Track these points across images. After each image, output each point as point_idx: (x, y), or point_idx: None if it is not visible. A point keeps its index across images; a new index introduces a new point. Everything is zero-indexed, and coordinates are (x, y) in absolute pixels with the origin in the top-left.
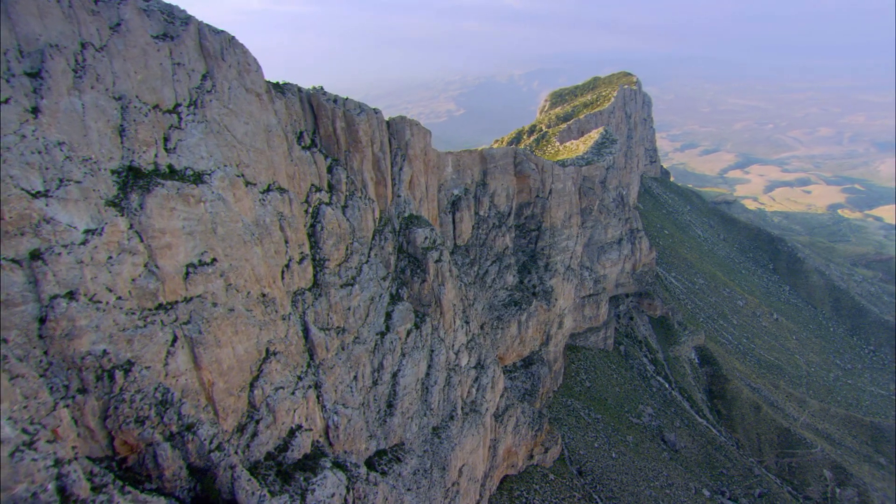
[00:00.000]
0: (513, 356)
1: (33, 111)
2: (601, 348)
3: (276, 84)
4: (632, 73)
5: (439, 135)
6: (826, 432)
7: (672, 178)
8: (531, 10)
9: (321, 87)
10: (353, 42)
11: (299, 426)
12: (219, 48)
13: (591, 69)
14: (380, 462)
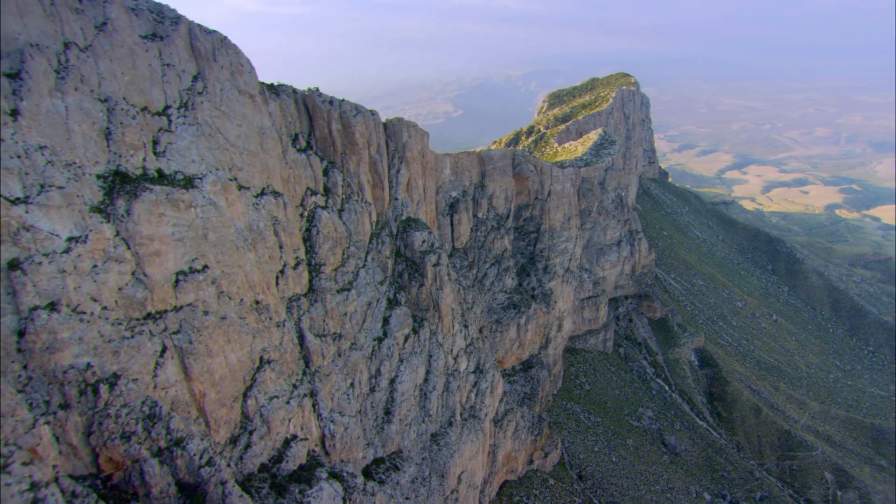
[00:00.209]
0: (512, 360)
1: (12, 113)
2: (601, 351)
3: (271, 85)
4: (630, 74)
5: (437, 136)
6: (826, 434)
7: (670, 179)
8: (528, 11)
9: (316, 89)
10: (351, 43)
11: (294, 436)
12: (210, 48)
13: (589, 70)
14: (377, 471)
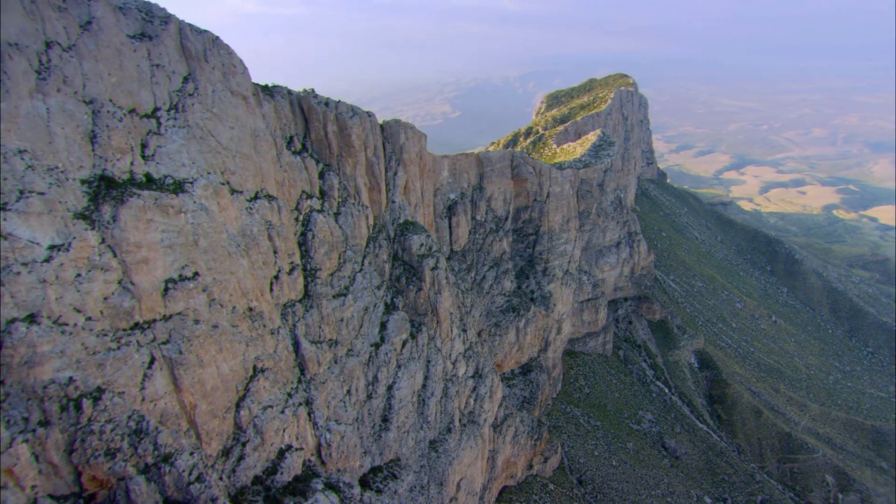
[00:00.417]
0: (511, 363)
1: None
2: (600, 353)
3: (265, 86)
4: (628, 75)
5: (434, 137)
6: (827, 436)
7: (669, 180)
8: (526, 12)
9: (312, 90)
10: (348, 44)
11: (289, 446)
12: (201, 49)
13: (587, 71)
14: (374, 479)
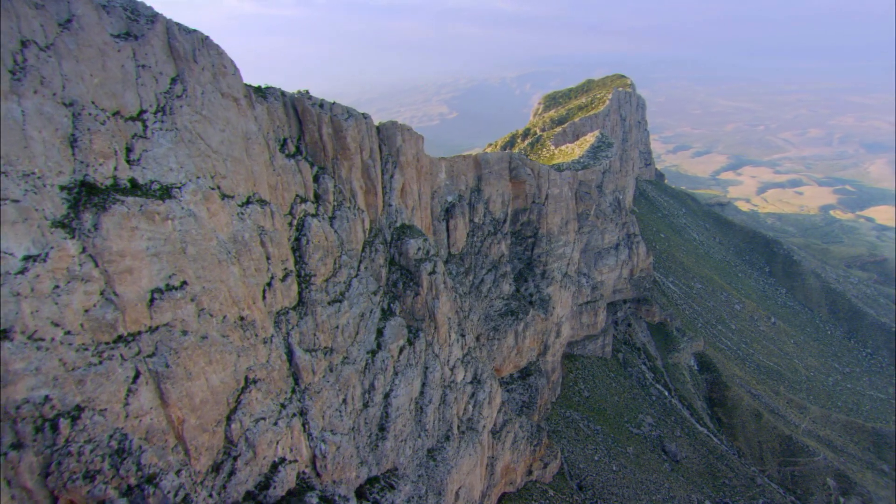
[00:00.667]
0: (510, 367)
1: None
2: (599, 356)
3: (258, 88)
4: (625, 76)
5: (432, 139)
6: (828, 439)
7: (666, 181)
8: (522, 13)
9: (306, 91)
10: (346, 46)
11: (283, 459)
12: (190, 49)
13: (583, 72)
14: (371, 490)
